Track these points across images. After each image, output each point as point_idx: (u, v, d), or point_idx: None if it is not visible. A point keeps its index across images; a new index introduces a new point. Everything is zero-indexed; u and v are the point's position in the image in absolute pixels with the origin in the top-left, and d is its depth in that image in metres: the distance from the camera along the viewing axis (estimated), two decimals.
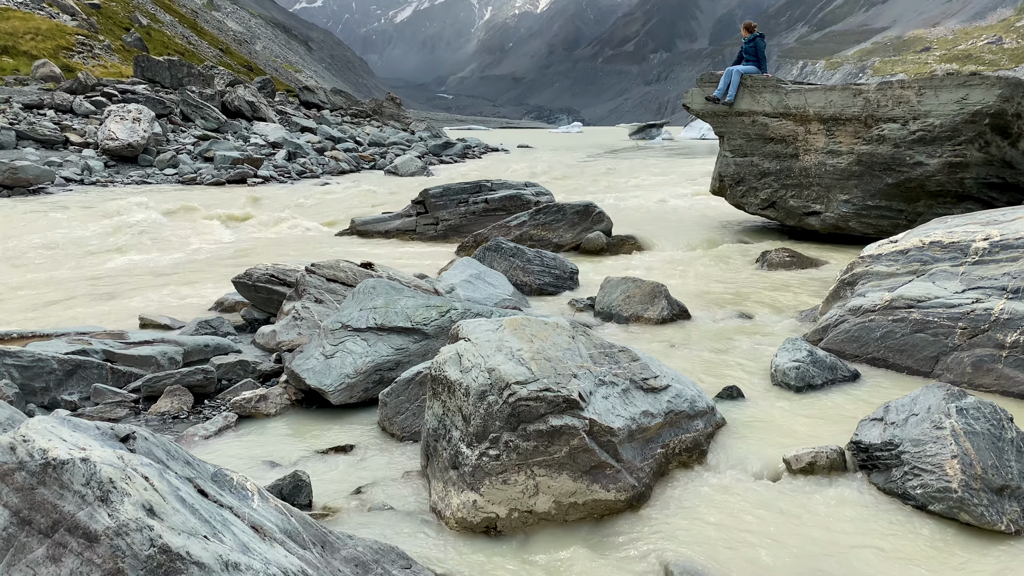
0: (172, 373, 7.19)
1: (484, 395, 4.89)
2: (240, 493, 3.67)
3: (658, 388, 5.64)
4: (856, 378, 7.22)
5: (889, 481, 4.90)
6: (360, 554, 3.93)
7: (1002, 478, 4.55)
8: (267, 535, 3.39)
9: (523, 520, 4.78)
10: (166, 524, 2.86)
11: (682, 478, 5.29)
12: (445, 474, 5.05)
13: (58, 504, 2.80)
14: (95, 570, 2.70)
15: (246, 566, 2.96)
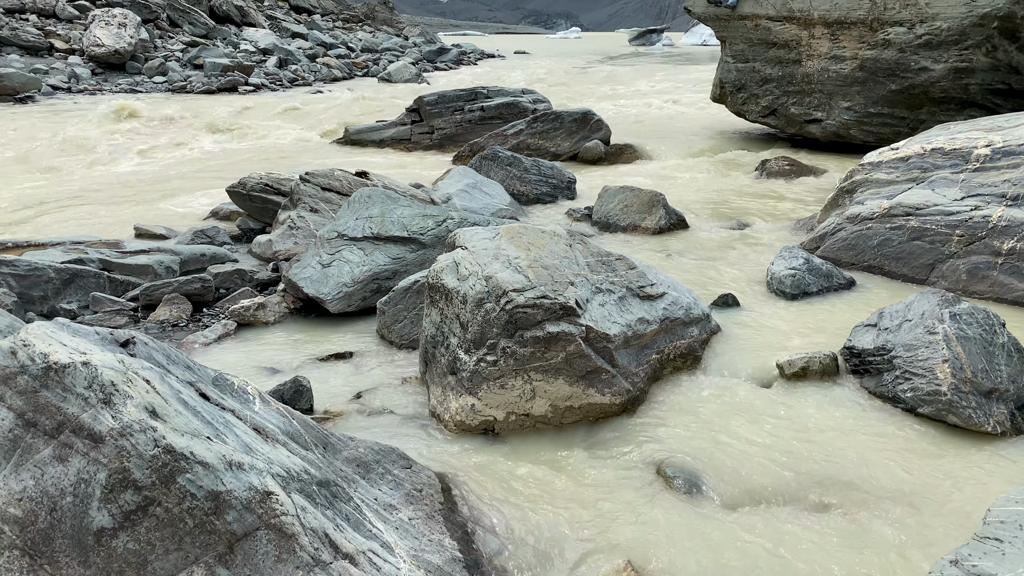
0: (170, 282, 7.20)
1: (481, 303, 4.91)
2: (241, 397, 3.72)
3: (654, 296, 5.67)
4: (851, 286, 7.25)
5: (880, 385, 4.98)
6: (361, 455, 4.02)
7: (991, 382, 4.63)
8: (269, 437, 3.45)
9: (520, 423, 4.88)
10: (169, 425, 2.90)
11: (676, 383, 5.37)
12: (443, 379, 5.12)
13: (62, 407, 2.84)
14: (101, 469, 2.76)
15: (249, 465, 3.02)
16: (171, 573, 2.78)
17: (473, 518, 3.95)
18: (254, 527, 2.89)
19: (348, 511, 3.40)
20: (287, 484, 3.13)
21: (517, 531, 3.85)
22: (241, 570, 2.86)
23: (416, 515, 3.77)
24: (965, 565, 2.41)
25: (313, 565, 2.94)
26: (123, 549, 2.74)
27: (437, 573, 3.35)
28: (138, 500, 2.76)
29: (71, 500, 2.75)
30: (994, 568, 2.33)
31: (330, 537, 3.07)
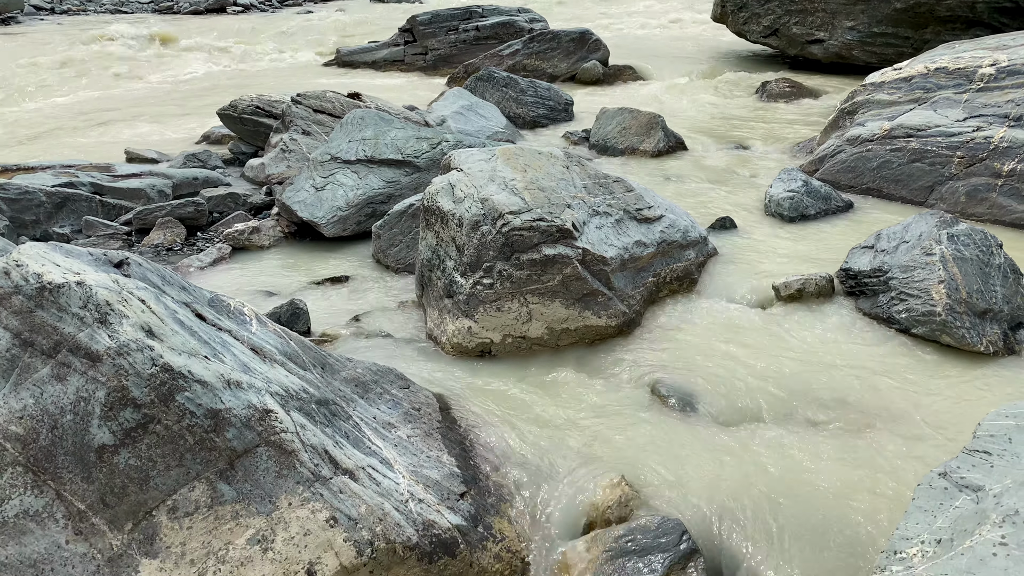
0: (163, 205, 7.13)
1: (477, 225, 4.87)
2: (238, 318, 3.72)
3: (651, 218, 5.64)
4: (850, 208, 7.22)
5: (875, 307, 5.00)
6: (360, 375, 4.05)
7: (986, 302, 4.65)
8: (267, 357, 3.47)
9: (516, 345, 4.91)
10: (166, 345, 2.91)
11: (673, 305, 5.38)
12: (440, 302, 5.13)
13: (58, 326, 2.83)
14: (100, 388, 2.78)
15: (248, 384, 3.04)
16: (173, 488, 2.83)
17: (471, 436, 4.00)
18: (254, 444, 2.93)
19: (347, 429, 3.44)
20: (286, 402, 3.16)
21: (514, 448, 3.91)
22: (242, 486, 2.90)
23: (414, 433, 3.82)
24: (953, 477, 2.45)
25: (313, 480, 2.99)
26: (125, 465, 2.78)
27: (436, 487, 3.41)
28: (138, 418, 2.79)
29: (71, 418, 2.77)
30: (982, 480, 2.38)
31: (330, 453, 3.12)
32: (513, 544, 3.42)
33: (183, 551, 2.81)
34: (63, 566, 2.74)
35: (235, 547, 2.85)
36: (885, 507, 3.30)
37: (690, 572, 3.23)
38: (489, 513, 3.51)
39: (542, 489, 3.70)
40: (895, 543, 2.30)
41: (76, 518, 2.76)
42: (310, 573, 2.91)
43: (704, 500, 3.50)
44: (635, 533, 3.37)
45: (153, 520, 2.81)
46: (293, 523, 2.92)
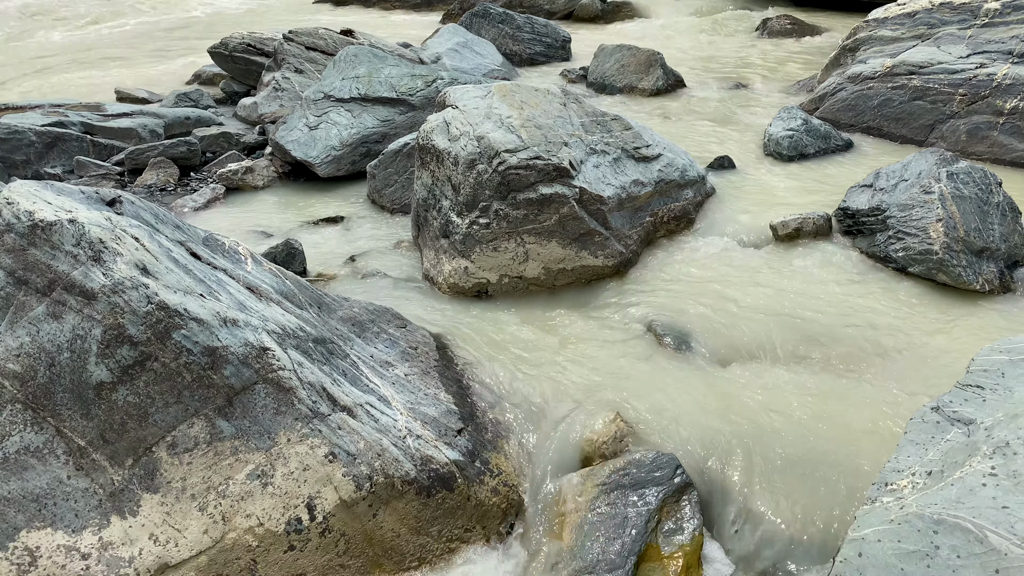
0: (155, 145, 7.04)
1: (473, 164, 4.82)
2: (233, 257, 3.70)
3: (650, 157, 5.58)
4: (849, 147, 7.15)
5: (872, 245, 4.98)
6: (356, 314, 4.06)
7: (983, 240, 4.63)
8: (263, 295, 3.46)
9: (513, 285, 4.90)
10: (161, 283, 2.90)
11: (669, 245, 5.37)
12: (436, 242, 5.10)
13: (52, 264, 2.82)
14: (96, 326, 2.77)
15: (244, 322, 3.04)
16: (172, 425, 2.85)
17: (467, 374, 4.03)
18: (252, 381, 2.95)
19: (345, 367, 3.46)
20: (283, 340, 3.17)
21: (510, 386, 3.94)
22: (241, 422, 2.93)
23: (412, 371, 3.84)
24: (946, 411, 2.48)
25: (312, 417, 3.01)
26: (123, 402, 2.80)
27: (433, 424, 3.44)
28: (135, 355, 2.79)
29: (68, 356, 2.78)
30: (974, 413, 2.40)
31: (327, 391, 3.14)
32: (510, 478, 3.47)
33: (183, 486, 2.85)
34: (65, 500, 2.78)
35: (235, 482, 2.89)
36: (877, 442, 3.34)
37: (683, 505, 3.29)
38: (486, 449, 3.55)
39: (538, 425, 3.74)
40: (886, 475, 2.33)
41: (77, 454, 2.79)
42: (310, 507, 2.95)
43: (698, 436, 3.54)
44: (630, 467, 3.42)
45: (153, 456, 2.84)
46: (292, 459, 2.96)
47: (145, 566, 2.77)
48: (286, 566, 2.90)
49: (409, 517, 3.13)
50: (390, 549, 3.09)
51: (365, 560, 3.04)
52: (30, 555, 2.71)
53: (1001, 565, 1.79)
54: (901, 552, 1.94)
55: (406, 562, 3.12)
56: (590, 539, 3.18)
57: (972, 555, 1.84)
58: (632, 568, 3.05)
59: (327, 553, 2.96)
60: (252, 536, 2.85)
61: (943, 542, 1.90)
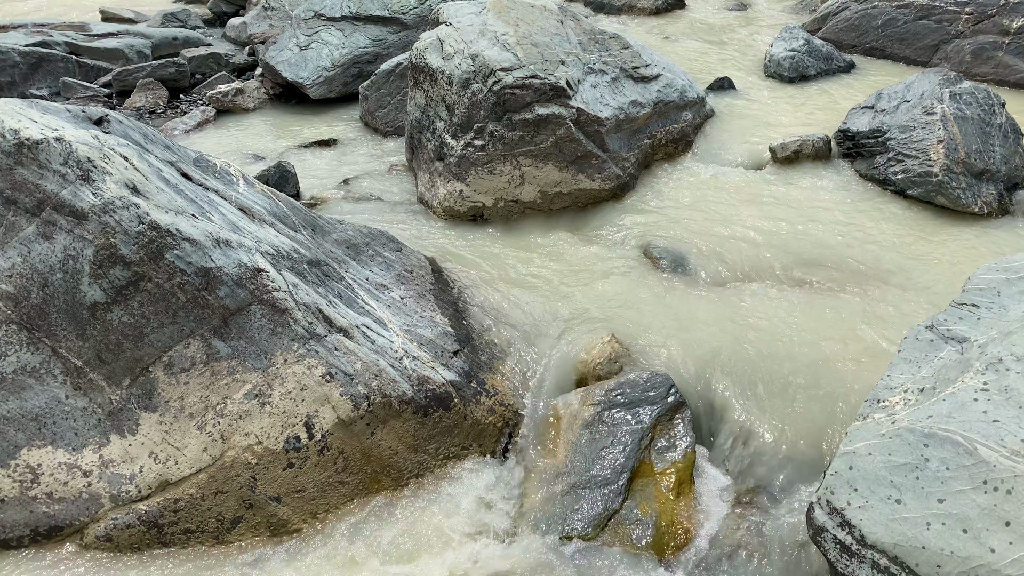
0: (143, 66, 6.87)
1: (468, 83, 4.72)
2: (224, 178, 3.65)
3: (648, 77, 5.46)
4: (851, 69, 7.01)
5: (872, 168, 4.93)
6: (351, 237, 4.03)
7: (984, 162, 4.59)
8: (256, 217, 3.42)
9: (509, 209, 4.86)
10: (152, 202, 2.86)
11: (667, 168, 5.30)
12: (431, 165, 5.04)
13: (40, 184, 2.77)
14: (87, 246, 2.75)
15: (237, 243, 3.01)
16: (168, 345, 2.85)
17: (463, 297, 4.02)
18: (247, 302, 2.94)
19: (340, 289, 3.45)
20: (277, 262, 3.15)
21: (506, 308, 3.94)
22: (237, 343, 2.93)
23: (407, 294, 3.83)
24: (940, 329, 2.48)
25: (308, 338, 3.02)
26: (118, 322, 2.79)
27: (429, 346, 3.45)
28: (128, 276, 2.77)
29: (61, 276, 2.76)
30: (968, 332, 2.41)
31: (323, 312, 3.13)
32: (506, 398, 3.50)
33: (182, 405, 2.87)
34: (64, 419, 2.80)
35: (233, 401, 2.91)
36: (871, 361, 3.37)
37: (676, 424, 3.33)
38: (482, 370, 3.57)
39: (534, 347, 3.76)
40: (878, 392, 2.35)
41: (74, 374, 2.80)
42: (308, 426, 2.99)
43: (692, 356, 3.57)
44: (624, 387, 3.45)
45: (150, 376, 2.85)
46: (289, 378, 2.97)
47: (146, 483, 2.81)
48: (285, 483, 2.94)
49: (407, 436, 3.17)
50: (388, 466, 3.14)
51: (364, 477, 3.09)
52: (32, 472, 2.75)
53: (989, 476, 1.82)
54: (891, 465, 1.97)
55: (404, 478, 3.17)
56: (584, 456, 3.23)
57: (961, 467, 1.87)
58: (625, 484, 3.10)
59: (326, 470, 3.00)
60: (251, 454, 2.89)
61: (933, 455, 1.93)
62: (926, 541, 1.81)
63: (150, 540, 2.82)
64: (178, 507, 2.83)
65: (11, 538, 2.75)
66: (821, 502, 2.02)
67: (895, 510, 1.89)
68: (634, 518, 3.00)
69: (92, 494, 2.79)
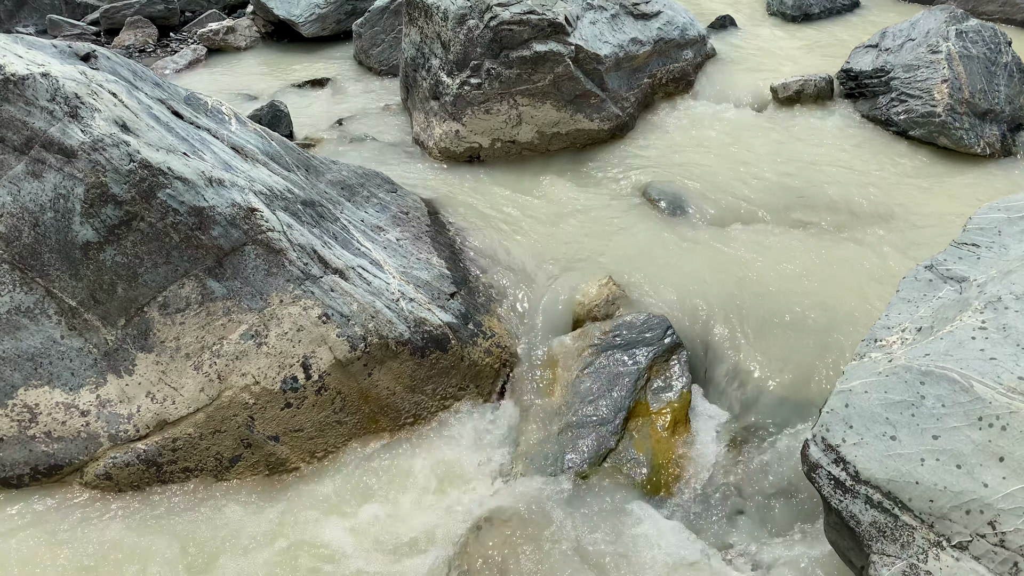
0: (131, 3, 6.70)
1: (464, 19, 4.61)
2: (216, 116, 3.58)
3: (649, 14, 5.34)
4: (856, 7, 6.86)
5: (874, 108, 4.86)
6: (345, 178, 3.98)
7: (988, 102, 4.52)
8: (248, 156, 3.37)
9: (506, 150, 4.79)
10: (142, 140, 2.80)
11: (667, 108, 5.23)
12: (426, 104, 4.95)
13: (27, 121, 2.71)
14: (78, 184, 2.70)
15: (230, 182, 2.97)
16: (162, 285, 2.83)
17: (460, 239, 4.00)
18: (241, 242, 2.91)
19: (335, 230, 3.42)
20: (271, 202, 3.11)
21: (503, 250, 3.92)
22: (232, 283, 2.91)
23: (403, 236, 3.80)
24: (939, 269, 2.47)
25: (303, 279, 3.00)
26: (111, 262, 2.77)
27: (426, 288, 3.44)
28: (120, 215, 2.74)
29: (52, 215, 2.72)
30: (967, 271, 2.39)
31: (319, 253, 3.10)
32: (502, 340, 3.50)
33: (178, 346, 2.86)
34: (60, 359, 2.79)
35: (229, 342, 2.90)
36: (869, 303, 3.36)
37: (672, 365, 3.34)
38: (479, 312, 3.56)
39: (531, 289, 3.75)
40: (876, 332, 2.34)
41: (68, 314, 2.78)
42: (305, 367, 2.99)
43: (690, 298, 3.56)
44: (621, 329, 3.45)
45: (145, 316, 2.84)
46: (285, 319, 2.96)
47: (144, 422, 2.82)
48: (283, 422, 2.96)
49: (404, 376, 3.17)
50: (386, 406, 3.15)
51: (361, 417, 3.11)
52: (30, 412, 2.76)
53: (985, 412, 1.82)
54: (887, 402, 1.98)
55: (402, 418, 3.19)
56: (581, 397, 3.25)
57: (957, 404, 1.87)
58: (621, 423, 3.12)
59: (324, 410, 3.02)
60: (248, 394, 2.90)
61: (929, 392, 1.93)
62: (919, 476, 1.82)
63: (149, 478, 2.85)
64: (176, 446, 2.84)
65: (11, 476, 2.77)
66: (816, 439, 2.03)
67: (890, 447, 1.90)
68: (630, 456, 3.03)
69: (90, 433, 2.80)
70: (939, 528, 1.79)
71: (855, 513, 1.91)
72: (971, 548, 1.74)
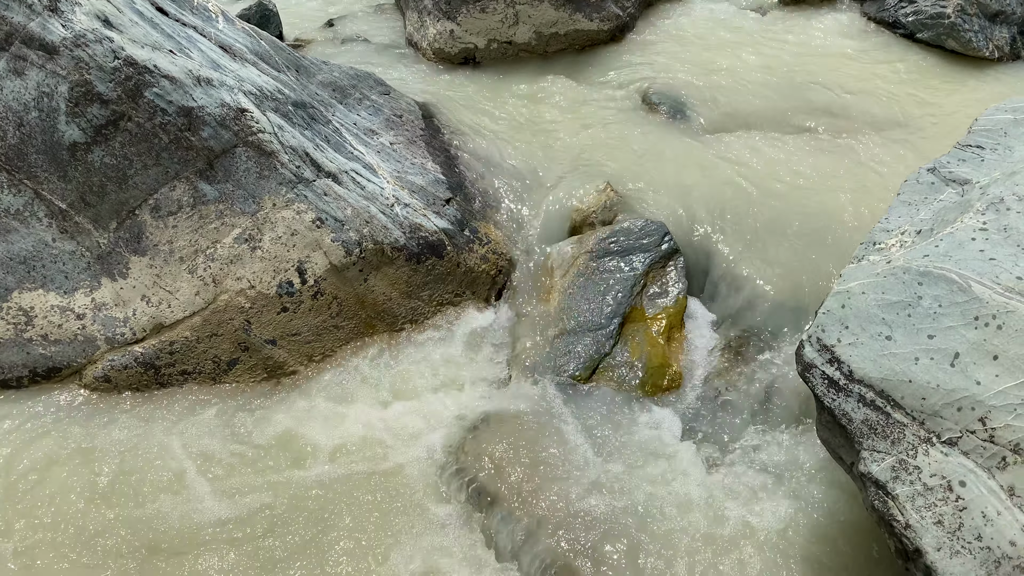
0: None
1: None
2: (202, 14, 3.46)
3: None
4: None
5: (882, 10, 4.71)
6: (337, 79, 3.87)
7: (999, 3, 4.38)
8: (237, 55, 3.27)
9: (502, 51, 4.66)
10: (126, 36, 2.71)
11: (668, 9, 5.06)
12: (420, 3, 4.78)
13: (5, 15, 2.61)
14: (62, 82, 2.62)
15: (219, 82, 2.89)
16: (153, 188, 2.79)
17: (455, 144, 3.92)
18: (231, 144, 2.84)
19: (327, 133, 3.35)
20: (261, 102, 3.03)
21: (500, 155, 3.85)
22: (224, 186, 2.87)
23: (397, 140, 3.73)
24: (942, 171, 2.43)
25: (296, 182, 2.95)
26: (100, 163, 2.71)
27: (421, 193, 3.40)
28: (107, 114, 2.66)
29: (37, 115, 2.65)
30: (970, 174, 2.36)
31: (311, 156, 3.05)
32: (499, 247, 3.48)
33: (171, 249, 2.84)
34: (53, 263, 2.77)
35: (223, 245, 2.87)
36: (869, 207, 3.34)
37: (669, 270, 3.33)
38: (475, 218, 3.53)
39: (528, 195, 3.70)
40: (874, 235, 2.32)
41: (59, 217, 2.75)
42: (300, 271, 2.97)
43: (688, 204, 3.52)
44: (618, 235, 3.43)
45: (137, 219, 2.80)
46: (279, 223, 2.93)
47: (140, 326, 2.83)
48: (280, 326, 2.96)
49: (400, 282, 3.17)
50: (383, 312, 3.15)
51: (358, 321, 3.12)
52: (25, 315, 2.75)
53: (981, 312, 1.82)
54: (884, 303, 1.97)
55: (398, 323, 3.20)
56: (577, 303, 3.25)
57: (954, 304, 1.87)
58: (616, 328, 3.14)
59: (320, 315, 3.02)
60: (244, 298, 2.89)
61: (926, 292, 1.92)
62: (913, 375, 1.83)
63: (148, 381, 2.87)
64: (173, 349, 2.85)
65: (10, 378, 2.79)
66: (811, 339, 2.04)
67: (884, 346, 1.90)
68: (624, 360, 3.05)
69: (87, 336, 2.80)
70: (930, 425, 1.81)
71: (847, 411, 1.93)
72: (960, 444, 1.77)
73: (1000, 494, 1.69)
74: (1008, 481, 1.70)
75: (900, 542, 1.82)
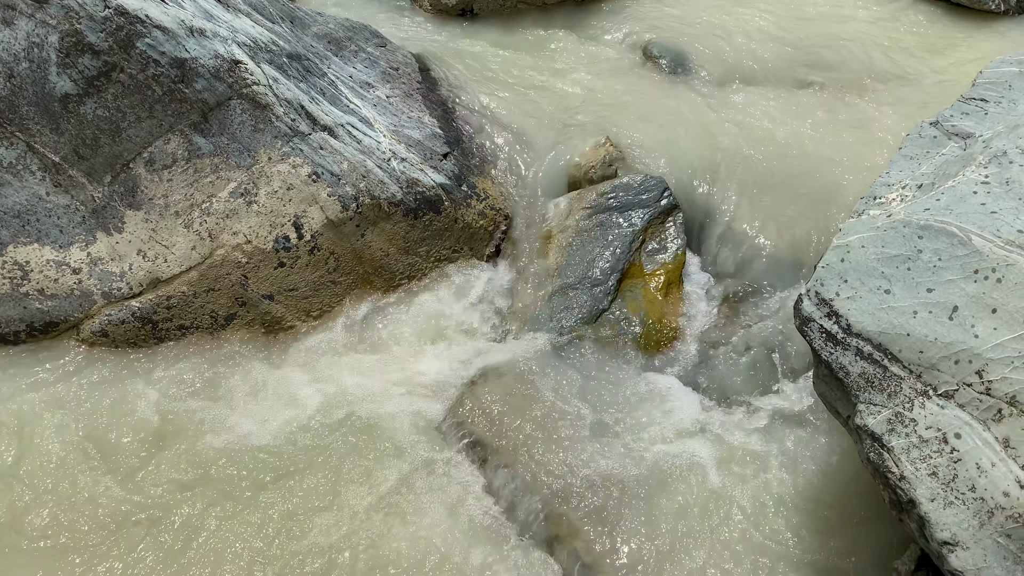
0: None
1: None
2: None
3: None
4: None
5: None
6: (332, 31, 3.80)
7: None
8: (230, 5, 3.20)
9: (501, 3, 4.57)
10: None
11: None
12: None
13: None
14: (52, 32, 2.57)
15: (212, 32, 2.84)
16: (147, 140, 2.75)
17: (453, 98, 3.87)
18: (226, 96, 2.80)
19: (323, 86, 3.30)
20: (255, 54, 2.98)
21: (498, 110, 3.81)
22: (219, 139, 2.83)
23: (394, 93, 3.68)
24: (945, 125, 2.41)
25: (292, 135, 2.91)
26: (93, 116, 2.67)
27: (418, 148, 3.36)
28: (98, 65, 2.62)
29: (27, 66, 2.60)
30: (974, 127, 2.33)
31: (306, 109, 3.01)
32: (497, 202, 3.46)
33: (167, 203, 2.82)
34: (48, 217, 2.75)
35: (219, 200, 2.85)
36: (871, 161, 3.31)
37: (668, 226, 3.32)
38: (473, 173, 3.50)
39: (526, 150, 3.67)
40: (875, 189, 2.31)
41: (52, 170, 2.72)
42: (297, 226, 2.95)
43: (689, 159, 3.50)
44: (618, 190, 3.40)
45: (132, 172, 2.77)
46: (275, 177, 2.90)
47: (137, 280, 2.82)
48: (277, 281, 2.95)
49: (397, 238, 3.15)
50: (380, 267, 3.14)
51: (356, 277, 3.11)
52: (21, 269, 2.74)
53: (981, 266, 1.81)
54: (884, 256, 1.97)
55: (396, 279, 3.19)
56: (575, 259, 3.24)
57: (954, 257, 1.86)
58: (615, 284, 3.13)
59: (317, 270, 3.01)
60: (241, 253, 2.88)
61: (926, 246, 1.91)
62: (911, 328, 1.83)
63: (145, 335, 2.87)
64: (171, 304, 2.85)
65: (7, 333, 2.78)
66: (810, 293, 2.04)
67: (883, 300, 1.90)
68: (622, 316, 3.05)
69: (84, 291, 2.79)
70: (927, 378, 1.82)
71: (844, 365, 1.94)
72: (956, 396, 1.77)
73: (995, 446, 1.70)
74: (1003, 433, 1.71)
75: (895, 493, 1.84)
